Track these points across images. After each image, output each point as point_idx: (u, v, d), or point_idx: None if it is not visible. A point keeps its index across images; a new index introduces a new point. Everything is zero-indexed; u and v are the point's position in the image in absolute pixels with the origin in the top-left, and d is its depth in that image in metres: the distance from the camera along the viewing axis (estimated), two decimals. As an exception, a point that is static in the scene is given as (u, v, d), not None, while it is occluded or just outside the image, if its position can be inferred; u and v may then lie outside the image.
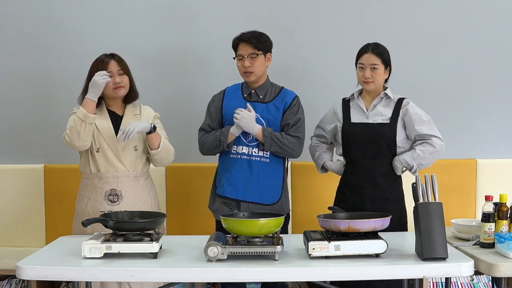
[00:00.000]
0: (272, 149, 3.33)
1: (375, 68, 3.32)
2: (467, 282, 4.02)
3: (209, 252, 2.52)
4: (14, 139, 4.29)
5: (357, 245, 2.56)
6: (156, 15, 4.24)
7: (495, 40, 4.22)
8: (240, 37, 3.39)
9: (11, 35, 4.25)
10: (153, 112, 3.45)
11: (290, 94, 3.47)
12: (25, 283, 4.00)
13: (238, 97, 3.45)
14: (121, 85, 3.28)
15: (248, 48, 3.36)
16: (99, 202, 3.28)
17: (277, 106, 3.41)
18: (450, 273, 2.53)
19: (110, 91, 3.28)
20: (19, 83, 4.27)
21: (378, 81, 3.35)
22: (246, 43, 3.36)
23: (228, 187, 3.40)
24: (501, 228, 2.81)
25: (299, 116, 3.41)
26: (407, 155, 3.33)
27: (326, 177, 3.70)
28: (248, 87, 3.45)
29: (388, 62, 3.38)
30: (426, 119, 3.36)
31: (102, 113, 3.33)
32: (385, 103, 3.40)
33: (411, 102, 3.40)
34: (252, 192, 3.37)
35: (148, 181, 3.42)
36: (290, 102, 3.42)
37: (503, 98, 4.26)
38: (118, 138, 3.22)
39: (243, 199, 3.37)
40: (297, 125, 3.39)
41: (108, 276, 2.54)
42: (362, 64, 3.35)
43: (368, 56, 3.34)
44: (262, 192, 3.38)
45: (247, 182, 3.37)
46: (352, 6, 4.22)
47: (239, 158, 3.38)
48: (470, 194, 4.18)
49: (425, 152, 3.31)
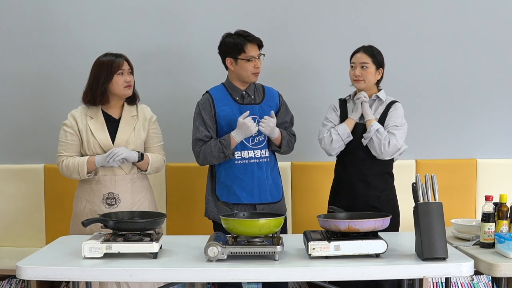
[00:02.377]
0: (283, 149, 3.41)
1: (365, 67, 3.37)
2: (467, 282, 4.02)
3: (209, 252, 2.52)
4: (14, 139, 4.29)
5: (357, 245, 2.56)
6: (153, 15, 4.23)
7: (495, 40, 4.22)
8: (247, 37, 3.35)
9: (11, 35, 4.25)
10: (151, 113, 3.44)
11: (275, 92, 3.52)
12: (25, 283, 4.00)
13: (229, 101, 3.40)
14: (131, 84, 3.31)
15: (257, 50, 3.36)
16: (97, 205, 3.28)
17: (270, 105, 3.43)
18: (450, 273, 2.53)
19: (121, 89, 3.28)
20: (19, 83, 4.26)
21: (368, 80, 3.39)
22: (254, 44, 3.34)
23: (243, 193, 3.36)
24: (501, 228, 2.81)
25: (290, 113, 3.52)
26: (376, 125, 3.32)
27: (326, 177, 3.70)
28: (236, 89, 3.41)
29: (380, 63, 3.42)
30: (399, 126, 3.36)
31: (98, 117, 3.32)
32: (377, 104, 3.44)
33: (399, 105, 3.43)
34: (264, 194, 3.38)
35: (144, 182, 3.42)
36: (279, 100, 3.48)
37: (503, 98, 4.26)
38: (105, 156, 3.21)
39: (259, 202, 3.37)
40: (292, 122, 3.51)
41: (108, 276, 2.54)
42: (353, 63, 3.42)
43: (359, 55, 3.41)
44: (272, 191, 3.41)
45: (261, 184, 3.37)
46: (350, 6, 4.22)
47: (248, 163, 3.37)
48: (470, 194, 4.18)
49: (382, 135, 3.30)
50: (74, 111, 3.35)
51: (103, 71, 3.25)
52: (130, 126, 3.33)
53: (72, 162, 3.25)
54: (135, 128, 3.33)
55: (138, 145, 3.32)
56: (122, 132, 3.30)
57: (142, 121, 3.36)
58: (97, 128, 3.29)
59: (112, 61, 3.27)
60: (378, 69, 3.42)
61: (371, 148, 3.34)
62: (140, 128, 3.35)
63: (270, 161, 3.43)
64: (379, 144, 3.30)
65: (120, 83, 3.27)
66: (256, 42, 3.35)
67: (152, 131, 3.39)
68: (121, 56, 3.32)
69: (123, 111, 3.36)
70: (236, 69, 3.36)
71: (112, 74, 3.25)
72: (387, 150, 3.31)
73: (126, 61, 3.32)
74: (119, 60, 3.28)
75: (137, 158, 3.25)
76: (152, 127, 3.40)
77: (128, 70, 3.31)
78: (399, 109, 3.42)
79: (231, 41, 3.35)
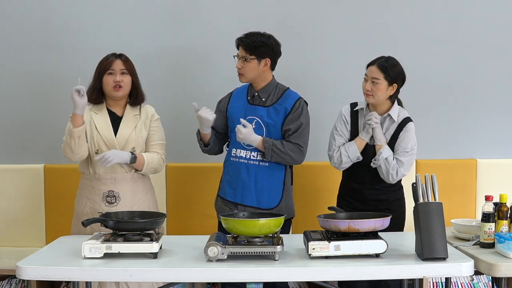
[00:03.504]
0: (273, 159, 3.32)
1: (376, 83, 3.27)
2: (467, 282, 4.02)
3: (209, 252, 2.52)
4: (14, 139, 4.29)
5: (357, 245, 2.56)
6: (158, 15, 4.23)
7: (495, 40, 4.22)
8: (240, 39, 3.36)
9: (11, 35, 4.24)
10: (153, 112, 3.44)
11: (293, 96, 3.40)
12: (25, 283, 4.00)
13: (242, 99, 3.43)
14: (121, 84, 3.27)
15: (241, 51, 3.35)
16: (97, 203, 3.28)
17: (277, 110, 3.36)
18: (450, 273, 2.53)
19: (110, 89, 3.28)
20: (19, 83, 4.26)
21: (378, 96, 3.29)
22: (241, 45, 3.34)
23: (229, 190, 3.41)
24: (501, 228, 2.81)
25: (301, 121, 3.34)
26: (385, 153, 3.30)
27: (326, 177, 3.70)
28: (252, 89, 3.42)
29: (394, 79, 3.29)
30: (409, 151, 3.33)
31: (102, 114, 3.33)
32: (388, 123, 3.38)
33: (410, 126, 3.35)
34: (249, 196, 3.36)
35: (145, 181, 3.41)
36: (292, 106, 3.35)
37: (503, 98, 4.27)
38: (97, 159, 3.20)
39: (241, 203, 3.37)
40: (299, 131, 3.34)
41: (108, 276, 2.54)
42: (366, 76, 3.33)
43: (372, 69, 3.31)
44: (260, 197, 3.37)
45: (245, 186, 3.36)
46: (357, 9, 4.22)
47: (237, 161, 3.38)
48: (470, 194, 4.18)
49: (390, 164, 3.29)
50: None
51: (97, 70, 3.29)
52: (132, 124, 3.33)
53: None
54: (136, 126, 3.33)
55: (140, 143, 3.32)
56: (124, 129, 3.30)
57: (144, 120, 3.36)
58: (101, 124, 3.30)
59: (103, 60, 3.30)
60: (391, 84, 3.29)
61: (379, 172, 3.32)
62: (142, 126, 3.35)
63: (269, 166, 3.36)
64: (387, 172, 3.29)
65: (109, 83, 3.26)
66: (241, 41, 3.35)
67: (152, 129, 3.38)
68: (117, 56, 3.32)
69: (125, 110, 3.37)
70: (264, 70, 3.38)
71: (102, 73, 3.28)
72: (395, 179, 3.31)
73: (122, 61, 3.31)
74: (111, 59, 3.29)
75: (128, 161, 3.24)
76: (153, 125, 3.39)
77: (120, 70, 3.28)
78: (410, 131, 3.34)
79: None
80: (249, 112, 3.37)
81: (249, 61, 3.32)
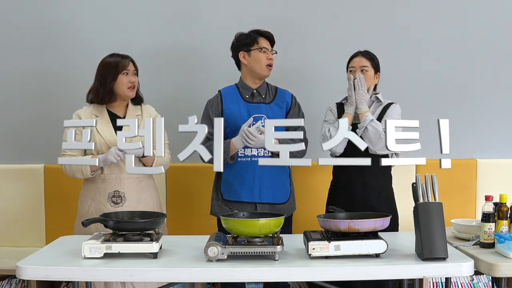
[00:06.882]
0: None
1: (365, 70, 3.38)
2: (467, 282, 4.02)
3: (209, 252, 2.52)
4: (14, 139, 4.30)
5: (357, 245, 2.56)
6: (158, 15, 4.24)
7: (495, 41, 4.23)
8: (259, 31, 3.42)
9: (11, 35, 4.25)
10: (155, 112, 3.46)
11: (287, 93, 3.50)
12: (25, 283, 4.00)
13: (238, 99, 3.43)
14: (135, 85, 3.34)
15: (269, 45, 3.42)
16: (102, 203, 3.29)
17: (280, 105, 3.42)
18: (450, 273, 2.53)
19: (125, 90, 3.31)
20: (19, 83, 4.27)
21: (368, 84, 3.38)
22: (266, 39, 3.41)
23: (243, 191, 3.37)
24: (501, 228, 2.82)
25: (302, 117, 3.46)
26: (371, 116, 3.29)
27: (326, 177, 3.69)
28: (248, 88, 3.44)
29: (378, 67, 3.44)
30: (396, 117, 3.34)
31: (103, 117, 3.34)
32: (376, 106, 3.43)
33: (397, 106, 3.42)
34: (266, 193, 3.37)
35: (150, 182, 3.42)
36: (291, 102, 3.46)
37: (503, 98, 4.27)
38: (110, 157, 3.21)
39: (259, 201, 3.36)
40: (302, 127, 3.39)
41: (108, 276, 2.53)
42: (352, 67, 3.41)
43: (358, 59, 3.42)
44: (275, 191, 3.39)
45: (262, 183, 3.36)
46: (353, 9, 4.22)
47: (250, 160, 3.36)
48: (470, 194, 4.19)
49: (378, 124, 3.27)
50: (80, 111, 3.38)
51: (110, 71, 3.30)
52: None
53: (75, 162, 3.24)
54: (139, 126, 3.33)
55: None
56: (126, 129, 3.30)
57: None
58: (103, 126, 3.30)
59: (118, 61, 3.32)
60: (376, 73, 3.44)
61: (365, 138, 3.24)
62: None
63: None
64: (374, 133, 3.24)
65: (124, 83, 3.30)
66: (268, 35, 3.42)
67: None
68: (127, 57, 3.36)
69: (127, 110, 3.39)
70: (249, 62, 3.39)
71: (117, 73, 3.29)
72: (382, 138, 3.24)
73: (131, 62, 3.36)
74: (125, 61, 3.33)
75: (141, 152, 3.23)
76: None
77: (133, 71, 3.35)
78: (396, 108, 3.42)
79: (243, 36, 3.43)
80: (252, 110, 3.38)
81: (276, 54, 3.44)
